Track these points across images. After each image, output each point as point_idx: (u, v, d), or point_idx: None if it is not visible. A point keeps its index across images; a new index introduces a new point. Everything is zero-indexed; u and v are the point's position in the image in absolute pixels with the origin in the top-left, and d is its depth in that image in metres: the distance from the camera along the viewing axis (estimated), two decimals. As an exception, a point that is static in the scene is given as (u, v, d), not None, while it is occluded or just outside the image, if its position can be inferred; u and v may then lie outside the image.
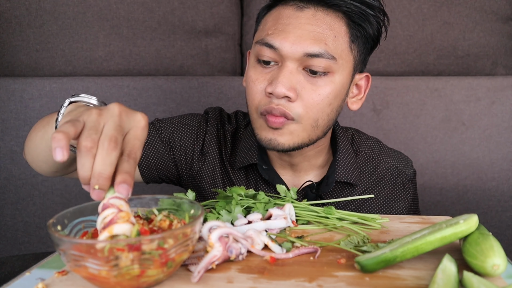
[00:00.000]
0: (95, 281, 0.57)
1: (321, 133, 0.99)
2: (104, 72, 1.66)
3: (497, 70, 1.75)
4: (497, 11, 1.70)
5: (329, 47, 0.92)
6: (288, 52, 0.92)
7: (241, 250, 0.67)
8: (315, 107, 0.94)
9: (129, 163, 0.59)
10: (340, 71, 0.95)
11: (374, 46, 1.03)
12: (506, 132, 1.64)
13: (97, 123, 0.59)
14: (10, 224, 1.61)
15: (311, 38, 0.92)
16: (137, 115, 0.63)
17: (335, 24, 0.94)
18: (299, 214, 0.85)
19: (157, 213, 0.68)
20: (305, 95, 0.93)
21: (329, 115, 0.98)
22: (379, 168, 1.15)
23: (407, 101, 1.64)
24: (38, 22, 1.61)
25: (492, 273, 0.61)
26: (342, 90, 0.98)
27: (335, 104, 0.98)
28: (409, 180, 1.17)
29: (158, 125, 1.11)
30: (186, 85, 1.62)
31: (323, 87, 0.94)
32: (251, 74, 0.98)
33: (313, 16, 0.94)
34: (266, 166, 1.07)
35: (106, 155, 0.57)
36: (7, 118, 1.57)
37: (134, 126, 0.62)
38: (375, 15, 0.97)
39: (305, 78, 0.94)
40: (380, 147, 1.19)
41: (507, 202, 1.67)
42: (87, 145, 0.57)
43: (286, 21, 0.94)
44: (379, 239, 0.76)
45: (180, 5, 1.67)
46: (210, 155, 1.12)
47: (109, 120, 0.60)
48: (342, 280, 0.62)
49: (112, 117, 0.60)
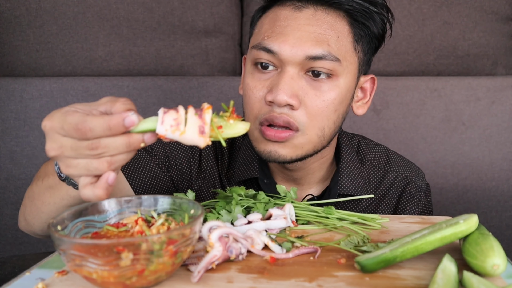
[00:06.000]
0: (95, 281, 0.57)
1: (326, 142, 0.93)
2: (104, 72, 1.66)
3: (497, 70, 1.75)
4: (497, 11, 1.70)
5: (332, 48, 0.86)
6: (288, 56, 0.85)
7: (241, 250, 0.67)
8: (320, 115, 0.87)
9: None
10: (345, 74, 0.89)
11: (379, 45, 0.97)
12: (506, 132, 1.64)
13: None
14: (10, 224, 1.61)
15: (312, 39, 0.85)
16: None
17: (337, 23, 0.88)
18: (299, 214, 0.85)
19: (156, 217, 0.68)
20: (309, 102, 0.86)
21: (335, 122, 0.91)
22: (387, 178, 1.06)
23: (407, 101, 1.64)
24: (38, 22, 1.61)
25: (492, 273, 0.61)
26: (348, 95, 0.91)
27: (341, 110, 0.91)
28: (420, 191, 1.07)
29: (150, 148, 1.02)
30: (186, 85, 1.62)
31: (327, 92, 0.87)
32: (248, 81, 0.91)
33: (313, 16, 0.87)
34: (268, 180, 1.00)
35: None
36: (7, 118, 1.57)
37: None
38: (379, 12, 0.91)
39: (308, 83, 0.87)
40: (388, 155, 1.10)
41: (507, 202, 1.67)
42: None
43: (284, 23, 0.87)
44: (379, 239, 0.76)
45: (180, 5, 1.67)
46: (209, 171, 1.04)
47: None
48: (342, 280, 0.62)
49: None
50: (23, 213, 0.92)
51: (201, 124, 0.62)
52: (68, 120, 0.60)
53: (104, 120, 0.59)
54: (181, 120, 0.61)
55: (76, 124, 0.59)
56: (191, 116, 0.62)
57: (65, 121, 0.60)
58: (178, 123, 0.61)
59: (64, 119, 0.60)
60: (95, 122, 0.59)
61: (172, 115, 0.61)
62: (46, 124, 0.61)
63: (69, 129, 0.59)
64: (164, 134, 0.61)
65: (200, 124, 0.62)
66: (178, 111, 0.62)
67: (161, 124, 0.61)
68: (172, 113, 0.61)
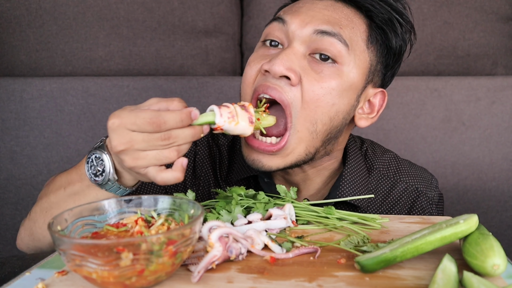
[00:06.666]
0: (95, 281, 0.57)
1: (319, 143, 0.87)
2: (104, 72, 1.66)
3: (497, 70, 1.75)
4: (497, 11, 1.70)
5: (344, 32, 0.82)
6: (296, 29, 0.82)
7: (241, 250, 0.67)
8: (315, 103, 0.82)
9: None
10: (352, 65, 0.84)
11: (396, 61, 0.92)
12: (506, 132, 1.64)
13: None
14: (10, 224, 1.61)
15: (324, 19, 0.83)
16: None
17: (355, 18, 0.85)
18: (299, 214, 0.85)
19: (156, 217, 0.68)
20: (306, 84, 0.82)
21: (332, 119, 0.85)
22: (396, 189, 1.00)
23: (407, 101, 1.64)
24: (38, 22, 1.61)
25: (492, 273, 0.61)
26: (351, 92, 0.86)
27: (341, 106, 0.85)
28: (431, 203, 1.01)
29: None
30: (186, 85, 1.62)
31: (327, 78, 0.82)
32: (250, 58, 0.88)
33: (332, 5, 0.85)
34: (268, 179, 0.97)
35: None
36: (7, 118, 1.57)
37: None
38: (402, 24, 0.88)
39: (310, 64, 0.83)
40: (398, 164, 1.03)
41: (507, 202, 1.67)
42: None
43: (301, 4, 0.87)
44: (379, 239, 0.76)
45: (180, 5, 1.67)
46: (204, 177, 1.01)
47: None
48: (342, 280, 0.62)
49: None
50: (29, 229, 0.90)
51: (250, 116, 0.76)
52: (141, 116, 0.66)
53: (177, 114, 0.67)
54: (235, 113, 0.74)
55: (150, 118, 0.66)
56: (239, 110, 0.75)
57: (138, 116, 0.66)
58: (233, 115, 0.74)
59: (136, 115, 0.66)
60: (168, 115, 0.67)
61: (226, 109, 0.74)
62: (114, 122, 0.67)
63: (143, 123, 0.66)
64: (222, 125, 0.73)
65: (249, 116, 0.76)
66: (229, 106, 0.74)
67: (220, 117, 0.73)
68: (225, 108, 0.74)
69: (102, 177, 0.74)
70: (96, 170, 0.75)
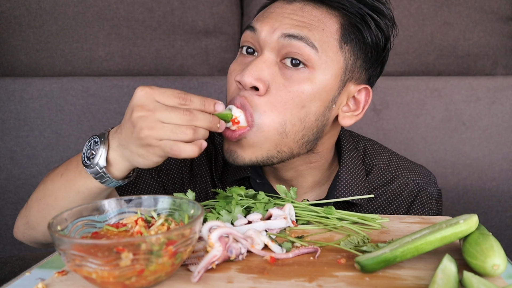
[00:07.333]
0: (95, 281, 0.57)
1: (294, 144, 0.86)
2: (104, 72, 1.66)
3: (497, 70, 1.75)
4: (497, 11, 1.70)
5: (313, 35, 0.82)
6: (265, 36, 0.83)
7: (241, 250, 0.67)
8: (282, 107, 0.82)
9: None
10: (323, 69, 0.83)
11: (378, 55, 0.90)
12: (506, 132, 1.64)
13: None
14: (10, 224, 1.61)
15: (293, 23, 0.83)
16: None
17: (325, 19, 0.84)
18: (299, 214, 0.85)
19: (156, 217, 0.68)
20: (274, 90, 0.82)
21: (302, 120, 0.84)
22: (395, 183, 1.00)
23: (407, 101, 1.64)
24: (38, 22, 1.61)
25: (492, 273, 0.61)
26: (324, 95, 0.85)
27: (312, 108, 0.84)
28: (431, 198, 1.01)
29: None
30: (186, 85, 1.62)
31: (296, 83, 0.82)
32: (231, 65, 0.91)
33: (300, 9, 0.85)
34: (260, 180, 0.96)
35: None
36: (7, 118, 1.57)
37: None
38: (378, 21, 0.86)
39: (280, 71, 0.83)
40: (399, 160, 1.03)
41: (507, 202, 1.67)
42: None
43: (272, 10, 0.87)
44: (379, 239, 0.76)
45: (180, 5, 1.67)
46: (201, 176, 1.01)
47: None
48: (342, 280, 0.62)
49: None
50: (25, 217, 0.91)
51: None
52: (170, 89, 0.72)
53: (201, 98, 0.73)
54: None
55: (178, 93, 0.72)
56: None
57: (167, 89, 0.72)
58: None
59: (165, 89, 0.72)
60: (194, 96, 0.73)
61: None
62: (143, 88, 0.72)
63: (170, 95, 0.71)
64: (239, 115, 0.81)
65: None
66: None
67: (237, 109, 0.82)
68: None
69: (92, 161, 0.77)
70: (90, 154, 0.77)
